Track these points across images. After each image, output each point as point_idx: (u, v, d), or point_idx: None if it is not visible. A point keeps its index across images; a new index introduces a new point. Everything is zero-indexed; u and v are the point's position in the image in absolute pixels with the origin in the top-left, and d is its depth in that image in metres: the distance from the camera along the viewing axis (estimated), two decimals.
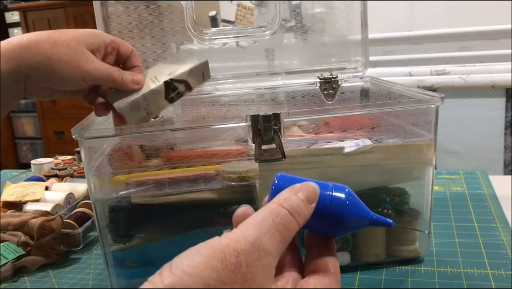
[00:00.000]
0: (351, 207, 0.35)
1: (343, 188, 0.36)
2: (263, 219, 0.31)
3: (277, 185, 0.35)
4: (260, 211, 0.32)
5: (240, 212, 0.35)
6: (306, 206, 0.33)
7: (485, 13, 1.47)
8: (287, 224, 0.31)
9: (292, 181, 0.35)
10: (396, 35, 1.57)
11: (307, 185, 0.34)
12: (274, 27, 0.73)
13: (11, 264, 0.63)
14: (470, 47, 1.51)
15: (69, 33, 0.49)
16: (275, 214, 0.31)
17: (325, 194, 0.35)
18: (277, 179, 0.36)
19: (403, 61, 1.59)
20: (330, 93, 0.73)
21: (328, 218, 0.34)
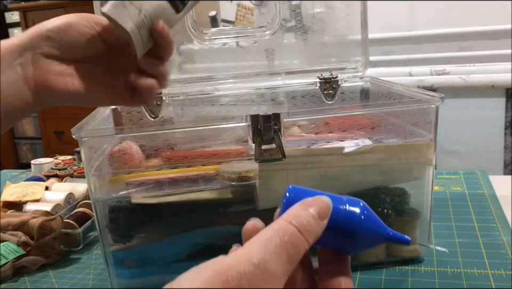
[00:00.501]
0: (366, 222, 0.33)
1: (357, 202, 0.34)
2: (269, 238, 0.29)
3: (288, 198, 0.33)
4: (268, 229, 0.30)
5: (250, 226, 0.33)
6: (317, 222, 0.31)
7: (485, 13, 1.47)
8: (296, 243, 0.30)
9: (304, 193, 0.34)
10: (396, 35, 1.57)
11: (319, 200, 0.32)
12: (274, 27, 0.73)
13: (11, 264, 0.63)
14: (470, 47, 1.51)
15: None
16: (283, 232, 0.30)
17: (338, 208, 0.33)
18: (289, 192, 0.34)
19: (403, 61, 1.59)
20: (330, 93, 0.73)
21: (342, 234, 0.33)
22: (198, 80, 0.74)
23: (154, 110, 0.71)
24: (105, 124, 0.64)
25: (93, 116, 0.60)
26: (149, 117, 0.70)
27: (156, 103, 0.70)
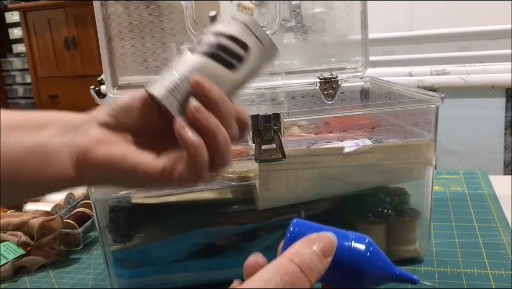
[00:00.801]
0: (372, 260, 0.32)
1: (363, 238, 0.33)
2: (270, 277, 0.29)
3: (293, 233, 0.33)
4: (269, 267, 0.30)
5: (251, 262, 0.32)
6: (320, 260, 0.30)
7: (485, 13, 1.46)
8: (297, 283, 0.29)
9: (309, 228, 0.33)
10: (396, 35, 1.57)
11: (323, 236, 0.32)
12: (274, 27, 0.73)
13: (11, 264, 0.63)
14: (470, 47, 1.51)
15: None
16: (284, 271, 0.29)
17: (343, 245, 0.32)
18: (293, 226, 0.33)
19: (403, 61, 1.59)
20: (330, 93, 0.73)
21: (346, 272, 0.32)
22: None
23: None
24: None
25: None
26: None
27: None
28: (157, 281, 0.57)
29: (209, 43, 0.40)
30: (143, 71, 0.71)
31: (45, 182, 0.40)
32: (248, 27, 0.41)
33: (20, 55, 3.77)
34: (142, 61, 0.71)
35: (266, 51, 0.41)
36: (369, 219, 0.57)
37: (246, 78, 0.41)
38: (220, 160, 0.39)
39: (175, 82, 0.39)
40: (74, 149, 0.40)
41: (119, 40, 0.69)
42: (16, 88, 3.87)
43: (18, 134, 0.40)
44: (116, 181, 0.41)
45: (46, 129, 0.41)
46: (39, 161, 0.39)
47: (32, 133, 0.40)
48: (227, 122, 0.39)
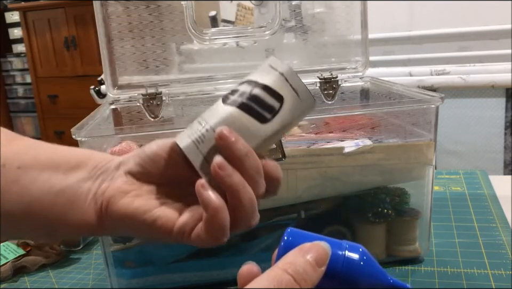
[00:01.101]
0: (366, 270, 0.32)
1: (357, 247, 0.33)
2: (264, 288, 0.29)
3: (287, 242, 0.33)
4: (263, 277, 0.30)
5: (245, 271, 0.32)
6: (314, 269, 0.30)
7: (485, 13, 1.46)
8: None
9: (303, 237, 0.33)
10: (396, 35, 1.57)
11: (317, 246, 0.32)
12: (274, 27, 0.73)
13: (11, 264, 0.63)
14: (470, 47, 1.51)
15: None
16: (277, 282, 0.29)
17: (337, 254, 0.32)
18: (287, 235, 0.33)
19: (403, 61, 1.59)
20: (330, 93, 0.73)
21: (340, 281, 0.32)
22: (198, 80, 0.74)
23: (154, 110, 0.71)
24: (105, 124, 0.64)
25: (92, 116, 0.60)
26: (149, 117, 0.70)
27: (156, 103, 0.70)
28: (157, 281, 0.57)
29: (242, 92, 0.38)
30: (143, 71, 0.71)
31: (67, 226, 0.40)
32: (285, 78, 0.39)
33: (20, 55, 3.77)
34: (142, 61, 0.71)
35: (303, 103, 0.39)
36: (369, 219, 0.57)
37: (278, 131, 0.39)
38: (243, 220, 0.37)
39: (201, 133, 0.37)
40: (99, 196, 0.40)
41: (119, 40, 0.69)
42: (16, 88, 3.87)
43: (50, 174, 0.39)
44: (134, 233, 0.41)
45: (76, 172, 0.40)
46: (65, 205, 0.39)
47: (63, 175, 0.40)
48: (253, 178, 0.37)
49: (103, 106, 0.68)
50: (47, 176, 0.39)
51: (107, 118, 0.67)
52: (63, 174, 0.40)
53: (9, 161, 0.39)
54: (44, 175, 0.39)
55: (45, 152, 0.41)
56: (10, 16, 3.72)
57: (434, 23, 1.53)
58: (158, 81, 0.71)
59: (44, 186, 0.39)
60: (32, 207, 0.39)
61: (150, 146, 0.40)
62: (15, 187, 0.39)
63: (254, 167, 0.37)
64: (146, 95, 0.69)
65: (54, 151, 0.41)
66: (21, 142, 0.42)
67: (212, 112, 0.39)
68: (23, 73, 3.79)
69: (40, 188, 0.39)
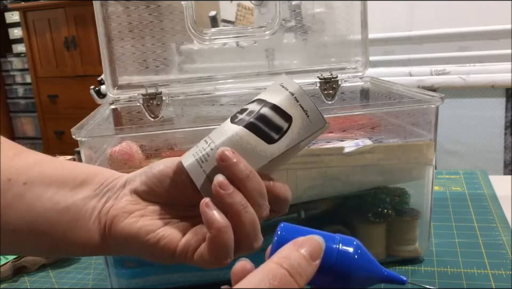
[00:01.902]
0: (360, 262, 0.32)
1: (351, 241, 0.33)
2: (258, 282, 0.28)
3: (280, 236, 0.32)
4: (257, 272, 0.29)
5: (239, 268, 0.32)
6: (309, 263, 0.30)
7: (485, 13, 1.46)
8: (286, 287, 0.29)
9: (296, 232, 0.33)
10: (396, 35, 1.57)
11: (311, 240, 0.31)
12: (274, 27, 0.73)
13: (11, 264, 0.63)
14: (470, 47, 1.51)
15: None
16: (272, 276, 0.29)
17: (331, 248, 0.32)
18: (280, 230, 0.33)
19: (403, 61, 1.59)
20: (330, 93, 0.73)
21: (334, 274, 0.32)
22: (198, 80, 0.74)
23: (154, 110, 0.71)
24: (105, 124, 0.64)
25: (92, 116, 0.60)
26: (149, 117, 0.70)
27: (156, 103, 0.70)
28: (157, 281, 0.57)
29: (251, 111, 0.37)
30: (143, 71, 0.71)
31: (71, 244, 0.40)
32: (295, 98, 0.37)
33: (20, 55, 3.77)
34: (142, 61, 0.71)
35: (312, 124, 0.38)
36: (369, 219, 0.57)
37: (286, 153, 0.38)
38: (245, 242, 0.37)
39: (205, 152, 0.37)
40: (103, 215, 0.39)
41: (119, 40, 0.69)
42: (16, 88, 3.87)
43: (55, 190, 0.39)
44: (138, 254, 0.40)
45: (82, 189, 0.40)
46: (70, 222, 0.39)
47: (69, 192, 0.40)
48: (255, 200, 0.36)
49: (103, 106, 0.68)
50: (52, 193, 0.39)
51: (107, 118, 0.67)
52: (69, 190, 0.40)
53: (15, 177, 0.39)
54: (49, 191, 0.39)
55: (51, 168, 0.41)
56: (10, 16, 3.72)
57: (434, 23, 1.53)
58: (158, 81, 0.71)
59: (49, 203, 0.39)
60: (37, 223, 0.38)
61: (157, 165, 0.40)
62: (20, 203, 0.38)
63: (257, 189, 0.36)
64: (146, 95, 0.69)
65: (61, 167, 0.41)
66: (28, 156, 0.41)
67: (219, 130, 0.38)
68: (23, 73, 3.79)
69: (45, 205, 0.39)
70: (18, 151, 0.41)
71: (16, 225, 0.38)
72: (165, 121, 0.71)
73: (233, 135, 0.37)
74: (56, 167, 0.41)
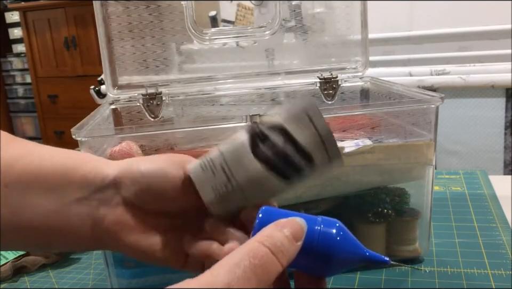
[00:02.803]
0: (342, 244, 0.32)
1: (333, 222, 0.33)
2: (238, 261, 0.28)
3: (261, 219, 0.32)
4: (237, 251, 0.29)
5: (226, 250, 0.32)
6: (291, 243, 0.30)
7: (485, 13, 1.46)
8: (267, 266, 0.28)
9: (278, 214, 0.32)
10: (396, 35, 1.57)
11: (293, 221, 0.31)
12: (274, 27, 0.73)
13: (11, 264, 0.63)
14: (470, 47, 1.51)
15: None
16: (253, 254, 0.28)
17: (313, 229, 0.32)
18: (262, 213, 0.33)
19: (403, 61, 1.59)
20: (330, 93, 0.73)
21: (316, 256, 0.31)
22: (198, 80, 0.74)
23: (154, 110, 0.71)
24: (105, 124, 0.64)
25: (93, 116, 0.60)
26: (149, 117, 0.70)
27: (156, 103, 0.70)
28: (157, 281, 0.57)
29: (273, 145, 0.36)
30: (143, 71, 0.71)
31: (61, 245, 0.40)
32: (321, 140, 0.36)
33: (20, 55, 3.77)
34: (142, 61, 0.71)
35: (330, 166, 0.37)
36: (369, 219, 0.57)
37: (298, 186, 0.38)
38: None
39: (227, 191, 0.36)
40: (98, 224, 0.38)
41: (119, 40, 0.69)
42: (16, 88, 3.87)
43: (37, 193, 0.37)
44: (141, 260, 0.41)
45: (67, 191, 0.38)
46: (58, 228, 0.38)
47: (51, 194, 0.38)
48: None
49: (103, 106, 0.68)
50: (35, 197, 0.37)
51: (107, 118, 0.67)
52: (53, 193, 0.38)
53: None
54: (31, 195, 0.37)
55: (31, 164, 0.38)
56: (10, 16, 3.72)
57: (434, 23, 1.53)
58: (158, 81, 0.71)
59: (34, 210, 0.37)
60: (24, 228, 0.37)
61: (154, 179, 0.38)
62: (4, 208, 0.37)
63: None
64: (146, 95, 0.69)
65: (40, 161, 0.39)
66: (7, 150, 0.39)
67: (238, 159, 0.36)
68: (23, 73, 3.79)
69: (30, 212, 0.37)
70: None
71: (3, 229, 0.37)
72: (165, 121, 0.71)
73: (256, 178, 0.36)
74: (36, 164, 0.38)
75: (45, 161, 0.38)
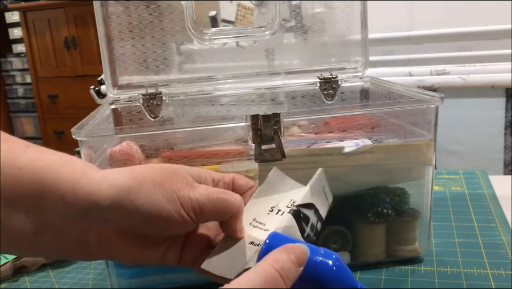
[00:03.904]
0: (336, 275, 0.34)
1: (331, 254, 0.35)
2: (253, 282, 0.30)
3: (268, 245, 0.35)
4: (251, 272, 0.31)
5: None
6: (296, 268, 0.33)
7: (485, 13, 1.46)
8: (276, 288, 0.31)
9: (284, 240, 0.35)
10: (396, 35, 1.57)
11: (298, 246, 0.34)
12: (274, 27, 0.73)
13: (11, 264, 0.63)
14: (470, 47, 1.51)
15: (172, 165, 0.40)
16: (266, 276, 0.31)
17: (312, 258, 0.34)
18: (269, 239, 0.36)
19: (403, 61, 1.59)
20: (330, 93, 0.73)
21: (311, 283, 0.34)
22: (198, 80, 0.74)
23: (154, 110, 0.71)
24: (105, 124, 0.64)
25: (93, 116, 0.60)
26: (149, 117, 0.70)
27: (156, 103, 0.70)
28: (157, 281, 0.57)
29: (312, 225, 0.43)
30: (143, 71, 0.71)
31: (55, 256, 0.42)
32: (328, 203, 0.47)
33: (20, 55, 3.77)
34: (142, 61, 0.71)
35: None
36: (369, 219, 0.57)
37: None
38: None
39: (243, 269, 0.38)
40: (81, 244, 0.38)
41: (119, 40, 0.69)
42: (16, 88, 3.87)
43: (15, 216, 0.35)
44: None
45: (45, 213, 0.36)
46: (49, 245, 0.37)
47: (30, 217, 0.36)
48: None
49: (103, 106, 0.68)
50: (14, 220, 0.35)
51: (107, 118, 0.67)
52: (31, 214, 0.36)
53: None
54: (10, 217, 0.35)
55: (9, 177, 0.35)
56: (10, 16, 3.73)
57: (434, 23, 1.53)
58: (158, 81, 0.71)
59: (21, 227, 0.36)
60: (12, 245, 0.37)
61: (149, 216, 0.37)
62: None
63: None
64: (146, 95, 0.69)
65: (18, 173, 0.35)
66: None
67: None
68: (23, 73, 3.79)
69: (15, 231, 0.36)
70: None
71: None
72: (165, 121, 0.71)
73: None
74: (14, 178, 0.35)
75: (22, 175, 0.35)
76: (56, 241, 0.37)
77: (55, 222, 0.37)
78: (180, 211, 0.37)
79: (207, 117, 0.76)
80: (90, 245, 0.38)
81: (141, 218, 0.36)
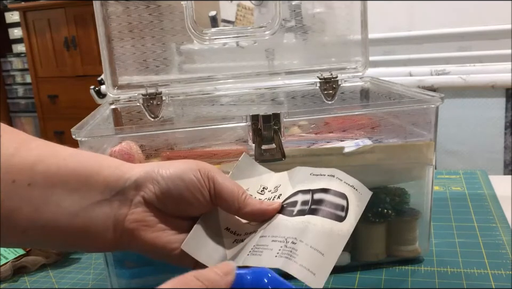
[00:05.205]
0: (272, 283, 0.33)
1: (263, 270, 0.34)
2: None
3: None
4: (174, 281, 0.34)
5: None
6: (220, 276, 0.33)
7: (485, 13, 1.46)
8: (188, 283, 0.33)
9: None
10: (396, 35, 1.57)
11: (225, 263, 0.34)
12: (274, 27, 0.73)
13: (11, 264, 0.63)
14: (470, 47, 1.51)
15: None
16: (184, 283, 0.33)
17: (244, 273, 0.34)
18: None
19: (403, 61, 1.59)
20: (330, 93, 0.73)
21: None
22: (198, 80, 0.74)
23: (154, 110, 0.71)
24: (105, 124, 0.64)
25: (93, 116, 0.60)
26: (149, 117, 0.70)
27: (156, 103, 0.70)
28: (157, 281, 0.57)
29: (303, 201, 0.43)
30: (143, 71, 0.71)
31: (83, 246, 0.43)
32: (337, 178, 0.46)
33: (20, 55, 3.77)
34: (142, 61, 0.71)
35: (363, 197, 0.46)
36: (369, 219, 0.57)
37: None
38: None
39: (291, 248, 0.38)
40: (118, 223, 0.41)
41: (119, 40, 0.69)
42: (16, 88, 3.87)
43: (61, 193, 0.39)
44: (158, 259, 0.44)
45: (90, 192, 0.40)
46: (80, 229, 0.40)
47: (74, 195, 0.39)
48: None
49: (103, 106, 0.68)
50: (58, 196, 0.39)
51: (107, 118, 0.67)
52: (75, 192, 0.40)
53: (18, 177, 0.38)
54: (55, 195, 0.39)
55: (55, 165, 0.40)
56: (10, 16, 3.73)
57: (434, 23, 1.53)
58: (158, 81, 0.71)
59: (57, 207, 0.39)
60: (47, 227, 0.39)
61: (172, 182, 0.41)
62: (28, 207, 0.38)
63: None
64: (146, 95, 0.69)
65: (64, 164, 0.40)
66: (29, 150, 0.40)
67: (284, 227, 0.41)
68: (23, 73, 3.79)
69: (53, 209, 0.39)
70: (19, 143, 0.40)
71: (26, 227, 0.38)
72: (165, 121, 0.71)
73: (309, 225, 0.40)
74: (59, 165, 0.40)
75: (68, 163, 0.40)
76: (92, 226, 0.40)
77: (94, 206, 0.40)
78: (197, 175, 0.41)
79: (207, 117, 0.76)
80: (126, 229, 0.41)
81: (165, 185, 0.41)
